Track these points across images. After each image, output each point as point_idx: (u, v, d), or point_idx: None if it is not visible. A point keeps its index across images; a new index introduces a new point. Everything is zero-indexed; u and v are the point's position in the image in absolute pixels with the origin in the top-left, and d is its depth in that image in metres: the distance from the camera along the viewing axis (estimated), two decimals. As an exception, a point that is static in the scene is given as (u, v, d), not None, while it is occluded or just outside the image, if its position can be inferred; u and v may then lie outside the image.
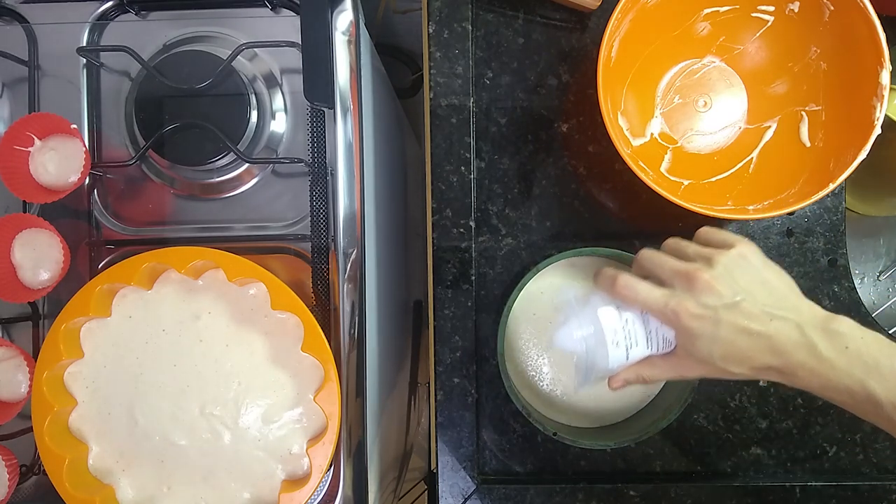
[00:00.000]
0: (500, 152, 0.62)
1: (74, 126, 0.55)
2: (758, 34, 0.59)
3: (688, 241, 0.48)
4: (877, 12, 0.51)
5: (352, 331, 0.55)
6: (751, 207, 0.55)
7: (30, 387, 0.53)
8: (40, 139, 0.55)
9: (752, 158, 0.60)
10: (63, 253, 0.54)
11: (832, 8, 0.54)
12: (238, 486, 0.53)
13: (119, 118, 0.58)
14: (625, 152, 0.52)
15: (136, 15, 0.58)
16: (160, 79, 0.55)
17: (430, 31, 0.60)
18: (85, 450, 0.54)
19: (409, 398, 0.85)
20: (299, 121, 0.58)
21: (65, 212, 0.58)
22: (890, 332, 0.71)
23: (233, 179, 0.58)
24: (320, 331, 0.52)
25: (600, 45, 0.52)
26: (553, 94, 0.62)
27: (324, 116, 0.56)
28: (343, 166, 0.55)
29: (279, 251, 0.58)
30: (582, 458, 0.61)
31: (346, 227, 0.55)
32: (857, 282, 0.74)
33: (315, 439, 0.53)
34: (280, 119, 0.58)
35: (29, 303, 0.57)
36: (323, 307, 0.56)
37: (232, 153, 0.55)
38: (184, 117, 0.55)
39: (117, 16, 0.59)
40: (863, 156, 0.51)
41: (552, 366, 0.60)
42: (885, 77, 0.51)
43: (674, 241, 0.49)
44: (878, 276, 0.76)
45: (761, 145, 0.60)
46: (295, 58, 0.58)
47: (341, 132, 0.55)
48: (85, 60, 0.58)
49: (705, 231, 0.49)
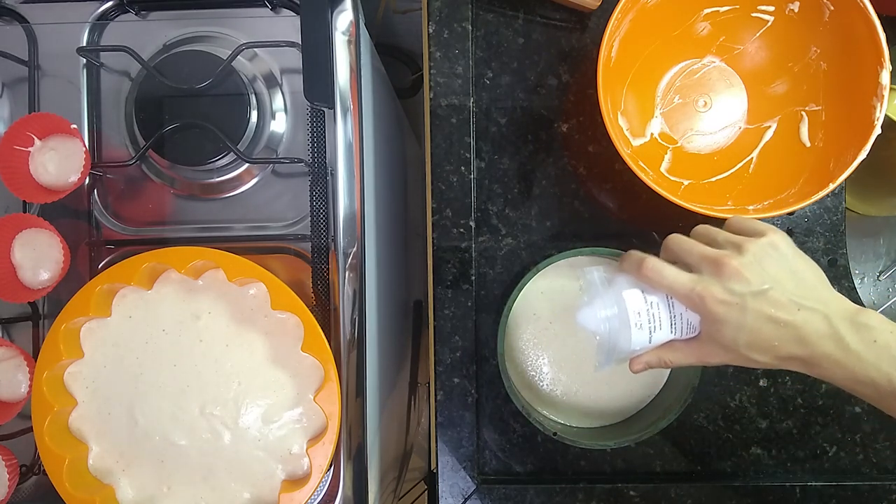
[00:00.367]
0: (500, 152, 0.62)
1: (74, 126, 0.55)
2: (758, 34, 0.59)
3: (718, 229, 0.48)
4: (877, 12, 0.51)
5: (352, 331, 0.55)
6: (751, 207, 0.55)
7: (30, 387, 0.53)
8: (40, 139, 0.55)
9: (752, 158, 0.60)
10: (63, 253, 0.54)
11: (832, 8, 0.54)
12: (238, 486, 0.53)
13: (119, 118, 0.58)
14: (625, 152, 0.52)
15: (136, 15, 0.58)
16: (160, 79, 0.55)
17: (430, 31, 0.60)
18: (85, 450, 0.54)
19: (409, 398, 0.85)
20: (299, 121, 0.58)
21: (65, 212, 0.58)
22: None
23: (233, 179, 0.58)
24: (320, 331, 0.52)
25: (600, 45, 0.52)
26: (553, 94, 0.62)
27: (324, 116, 0.56)
28: (343, 166, 0.55)
29: (279, 251, 0.58)
30: (582, 458, 0.61)
31: (346, 227, 0.55)
32: (857, 282, 0.74)
33: (315, 439, 0.53)
34: (280, 119, 0.58)
35: (29, 303, 0.57)
36: (323, 307, 0.56)
37: (232, 153, 0.55)
38: (184, 117, 0.55)
39: (117, 16, 0.59)
40: (863, 156, 0.51)
41: (552, 366, 0.60)
42: (885, 77, 0.51)
43: (703, 228, 0.49)
44: (878, 276, 0.76)
45: (761, 145, 0.60)
46: (295, 58, 0.58)
47: (341, 132, 0.55)
48: (85, 60, 0.58)
49: (736, 219, 0.49)
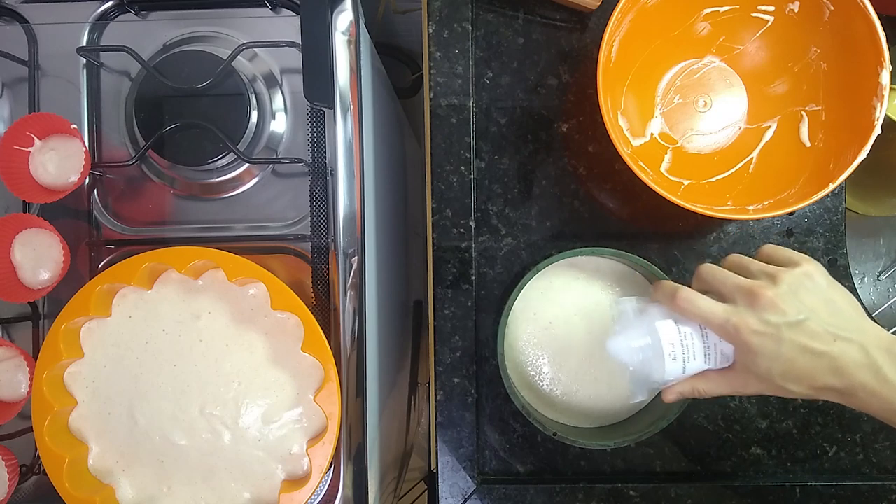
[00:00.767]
0: (500, 152, 0.62)
1: (74, 126, 0.55)
2: (758, 34, 0.59)
3: (750, 258, 0.48)
4: (877, 12, 0.51)
5: (352, 331, 0.55)
6: (751, 207, 0.55)
7: (30, 387, 0.53)
8: (40, 139, 0.55)
9: (752, 158, 0.60)
10: (63, 253, 0.54)
11: (832, 8, 0.54)
12: (238, 486, 0.53)
13: (119, 118, 0.58)
14: (625, 152, 0.52)
15: (136, 15, 0.58)
16: (160, 79, 0.55)
17: (430, 31, 0.60)
18: (85, 450, 0.54)
19: (409, 398, 0.85)
20: (299, 121, 0.58)
21: (65, 212, 0.58)
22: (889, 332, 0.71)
23: (233, 179, 0.58)
24: (320, 331, 0.52)
25: (600, 45, 0.52)
26: (553, 94, 0.62)
27: (324, 116, 0.56)
28: (343, 166, 0.55)
29: (279, 251, 0.58)
30: (582, 458, 0.61)
31: (346, 227, 0.55)
32: (857, 282, 0.74)
33: (315, 439, 0.53)
34: (280, 119, 0.58)
35: (29, 303, 0.57)
36: (323, 307, 0.56)
37: (232, 153, 0.55)
38: (184, 117, 0.55)
39: (117, 16, 0.59)
40: (863, 156, 0.51)
41: (552, 366, 0.60)
42: (885, 77, 0.51)
43: (736, 258, 0.49)
44: (878, 276, 0.76)
45: (761, 145, 0.60)
46: (295, 58, 0.58)
47: (341, 132, 0.55)
48: (85, 60, 0.58)
49: (769, 248, 0.49)
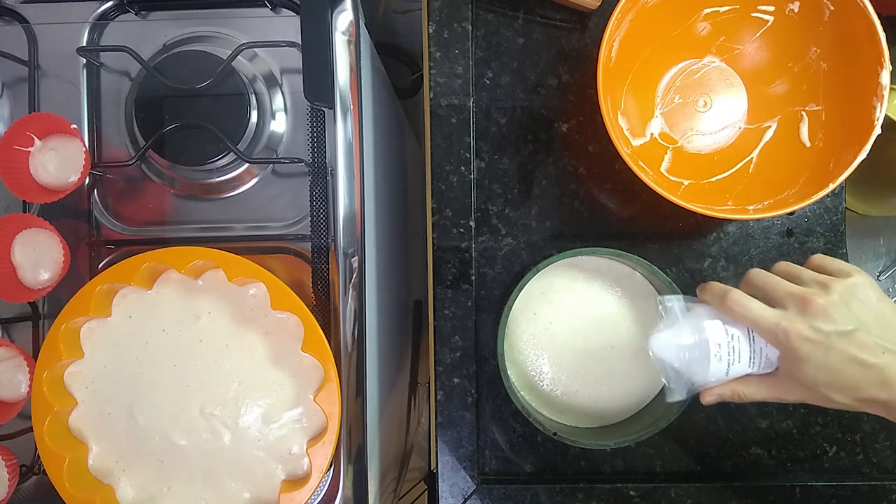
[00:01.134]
0: (500, 152, 0.62)
1: (74, 126, 0.55)
2: (758, 34, 0.59)
3: (801, 266, 0.48)
4: (877, 12, 0.51)
5: (352, 331, 0.55)
6: (751, 207, 0.55)
7: (30, 387, 0.53)
8: (40, 139, 0.55)
9: (752, 158, 0.60)
10: (63, 253, 0.54)
11: (832, 8, 0.54)
12: (238, 486, 0.53)
13: (119, 118, 0.58)
14: (625, 152, 0.52)
15: (136, 15, 0.58)
16: (160, 79, 0.55)
17: (430, 31, 0.60)
18: (85, 450, 0.54)
19: (409, 398, 0.85)
20: (299, 121, 0.58)
21: (65, 212, 0.58)
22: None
23: (233, 179, 0.58)
24: (320, 331, 0.52)
25: (600, 45, 0.52)
26: (553, 94, 0.62)
27: (324, 116, 0.56)
28: (343, 166, 0.55)
29: (279, 251, 0.58)
30: (582, 458, 0.61)
31: (346, 227, 0.55)
32: (857, 282, 0.74)
33: (315, 439, 0.53)
34: (280, 119, 0.58)
35: (29, 303, 0.57)
36: (323, 307, 0.56)
37: (232, 153, 0.55)
38: (184, 117, 0.55)
39: (117, 16, 0.59)
40: (863, 156, 0.51)
41: (552, 366, 0.60)
42: (885, 77, 0.51)
43: (786, 265, 0.49)
44: (878, 276, 0.76)
45: (761, 145, 0.60)
46: (295, 58, 0.58)
47: (341, 132, 0.55)
48: (85, 60, 0.58)
49: (819, 258, 0.49)
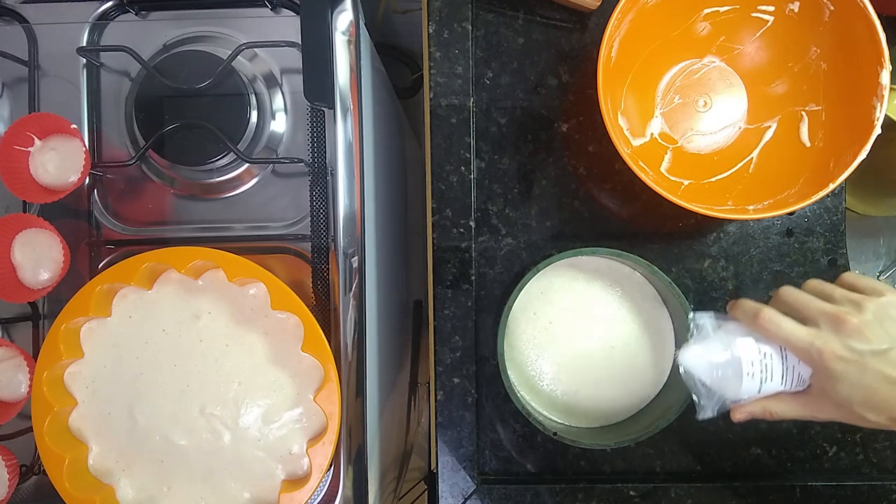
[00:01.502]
0: (500, 152, 0.62)
1: (74, 126, 0.55)
2: (758, 34, 0.59)
3: (832, 284, 0.48)
4: (877, 12, 0.51)
5: (352, 331, 0.55)
6: (751, 207, 0.55)
7: (30, 387, 0.53)
8: (40, 139, 0.55)
9: (752, 158, 0.60)
10: (63, 253, 0.54)
11: (832, 8, 0.53)
12: (238, 486, 0.53)
13: (119, 118, 0.58)
14: (625, 152, 0.52)
15: (136, 15, 0.58)
16: (160, 79, 0.55)
17: (430, 31, 0.60)
18: (85, 450, 0.54)
19: (409, 398, 0.85)
20: (299, 121, 0.58)
21: (65, 212, 0.58)
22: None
23: (233, 179, 0.58)
24: (320, 331, 0.52)
25: (600, 45, 0.52)
26: (553, 94, 0.62)
27: (324, 116, 0.56)
28: (343, 166, 0.55)
29: (279, 251, 0.58)
30: (582, 458, 0.61)
31: (346, 227, 0.55)
32: (857, 282, 0.74)
33: (315, 439, 0.53)
34: (280, 119, 0.58)
35: (29, 303, 0.57)
36: (323, 307, 0.56)
37: (232, 153, 0.55)
38: (184, 117, 0.55)
39: (117, 16, 0.59)
40: (863, 156, 0.51)
41: (552, 366, 0.60)
42: (885, 77, 0.51)
43: (817, 283, 0.49)
44: (878, 276, 0.76)
45: (761, 145, 0.60)
46: (295, 58, 0.58)
47: (341, 132, 0.55)
48: (85, 60, 0.58)
49: (851, 276, 0.49)
